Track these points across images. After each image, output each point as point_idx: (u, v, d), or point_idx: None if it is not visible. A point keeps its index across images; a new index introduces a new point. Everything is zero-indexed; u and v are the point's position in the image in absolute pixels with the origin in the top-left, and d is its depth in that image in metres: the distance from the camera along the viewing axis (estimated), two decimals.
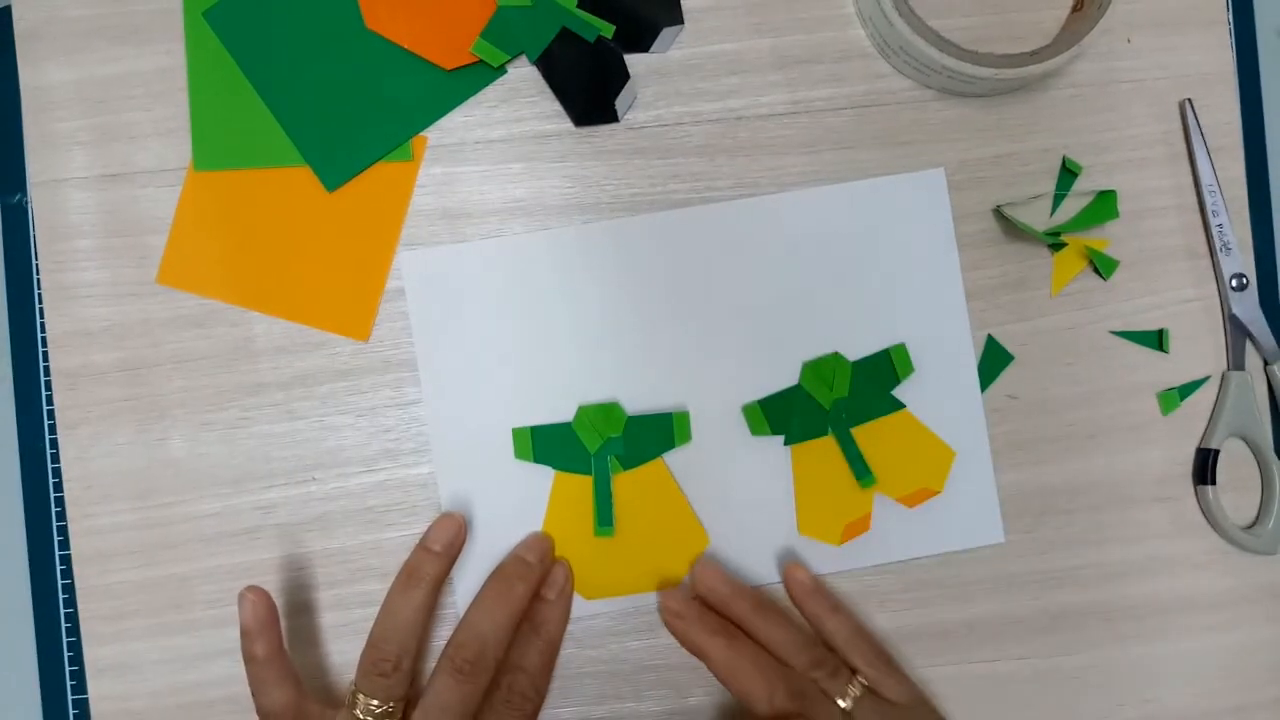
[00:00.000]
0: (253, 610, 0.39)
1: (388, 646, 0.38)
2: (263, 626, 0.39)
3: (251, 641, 0.39)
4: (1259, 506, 0.46)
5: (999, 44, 0.45)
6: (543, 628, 0.42)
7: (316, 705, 0.39)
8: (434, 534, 0.41)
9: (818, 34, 0.45)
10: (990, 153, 0.45)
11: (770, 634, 0.41)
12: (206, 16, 0.43)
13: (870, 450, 0.43)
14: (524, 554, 0.42)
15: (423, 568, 0.40)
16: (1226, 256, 0.46)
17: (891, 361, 0.44)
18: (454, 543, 0.41)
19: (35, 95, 0.44)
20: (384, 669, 0.38)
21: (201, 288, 0.44)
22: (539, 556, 0.42)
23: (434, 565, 0.40)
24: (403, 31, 0.43)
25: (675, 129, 0.45)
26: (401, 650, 0.39)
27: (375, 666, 0.38)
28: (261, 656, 0.39)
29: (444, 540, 0.41)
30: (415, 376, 0.44)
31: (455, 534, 0.41)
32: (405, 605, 0.39)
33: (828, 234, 0.44)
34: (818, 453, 0.44)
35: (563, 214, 0.44)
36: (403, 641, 0.39)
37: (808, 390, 0.43)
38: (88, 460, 0.43)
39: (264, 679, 0.39)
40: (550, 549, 0.43)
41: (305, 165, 0.43)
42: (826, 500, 0.43)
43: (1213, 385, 0.46)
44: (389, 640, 0.39)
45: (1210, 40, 0.46)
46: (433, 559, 0.40)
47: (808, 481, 0.44)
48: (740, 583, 0.42)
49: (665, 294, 0.44)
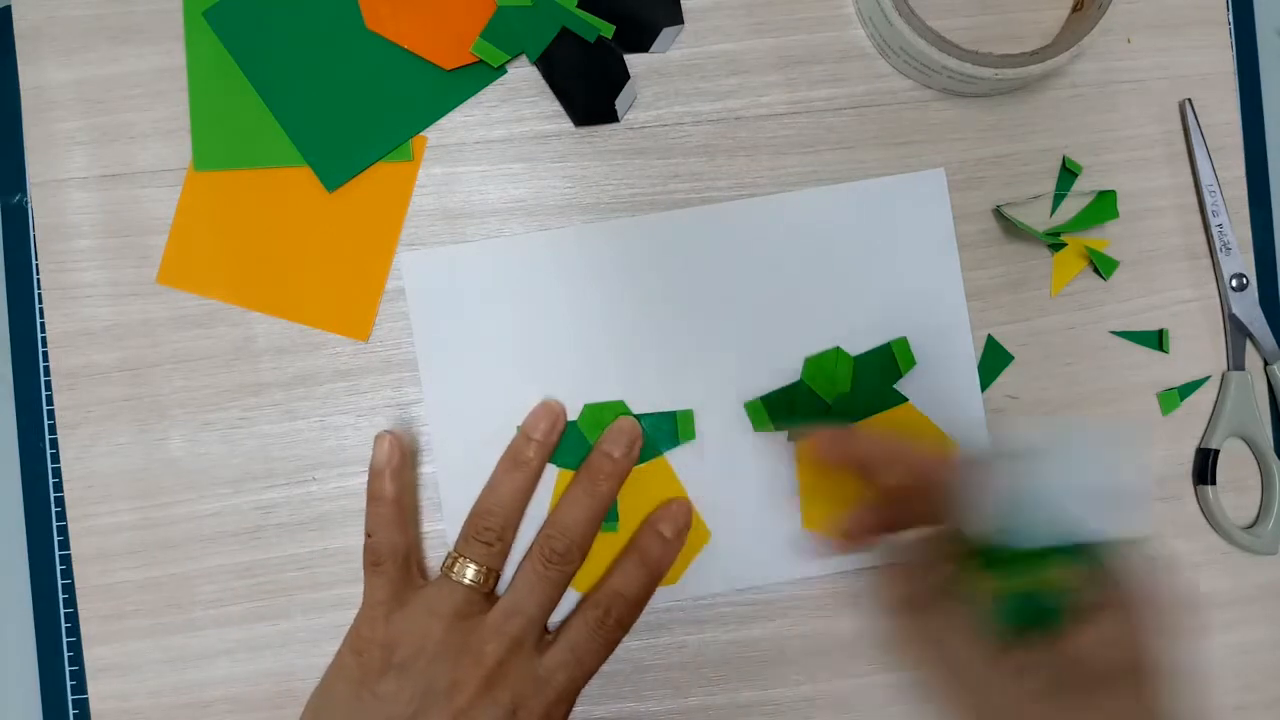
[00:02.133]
0: (389, 451, 0.40)
1: (493, 517, 0.40)
2: (396, 470, 0.40)
3: (382, 482, 0.40)
4: (1259, 506, 0.46)
5: (999, 44, 0.45)
6: (651, 563, 0.42)
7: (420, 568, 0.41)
8: (530, 422, 0.42)
9: (818, 34, 0.45)
10: (990, 153, 0.45)
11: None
12: (206, 16, 0.43)
13: None
14: (610, 449, 0.42)
15: (524, 453, 0.41)
16: (1226, 256, 0.46)
17: (894, 355, 0.44)
18: (551, 430, 0.42)
19: (35, 95, 0.44)
20: (488, 537, 0.40)
21: (201, 288, 0.44)
22: (625, 449, 0.42)
23: (533, 451, 0.41)
24: (403, 31, 0.43)
25: (675, 129, 0.45)
26: (505, 522, 0.40)
27: (480, 534, 0.40)
28: (390, 497, 0.40)
29: (541, 429, 0.42)
30: (415, 376, 0.44)
31: (552, 422, 0.42)
32: (509, 484, 0.41)
33: (828, 234, 0.44)
34: None
35: (563, 214, 0.44)
36: (507, 515, 0.40)
37: (810, 386, 0.43)
38: (88, 460, 0.43)
39: (385, 517, 0.40)
40: (638, 439, 0.42)
41: (305, 165, 0.43)
42: (830, 495, 0.43)
43: (1213, 385, 0.46)
44: (494, 512, 0.40)
45: (1210, 40, 0.46)
46: (532, 446, 0.42)
47: (811, 477, 0.44)
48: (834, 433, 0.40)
49: (668, 293, 0.44)
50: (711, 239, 0.44)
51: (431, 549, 0.43)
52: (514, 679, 0.38)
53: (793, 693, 0.44)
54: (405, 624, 0.38)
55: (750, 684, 0.44)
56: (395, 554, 0.40)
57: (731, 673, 0.44)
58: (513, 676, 0.38)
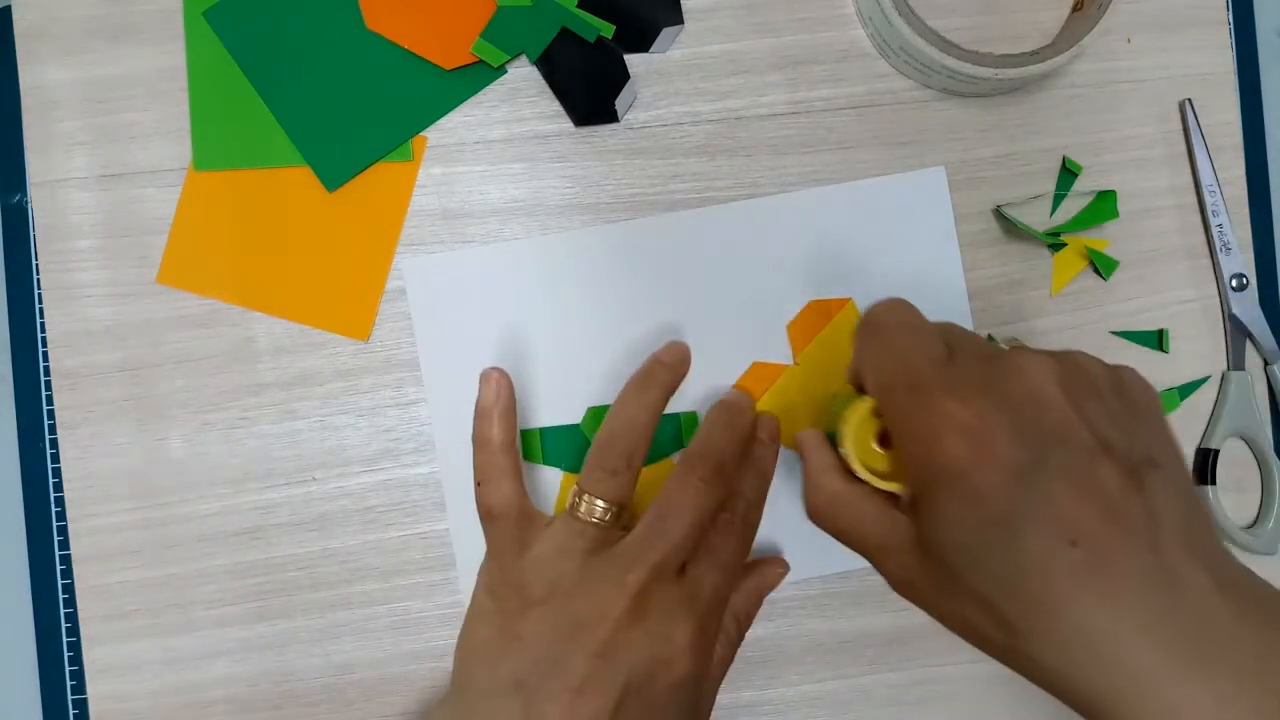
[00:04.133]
0: (495, 390, 0.38)
1: (619, 443, 0.37)
2: (504, 410, 0.38)
3: (489, 424, 0.37)
4: (1259, 506, 0.46)
5: (999, 44, 0.45)
6: (759, 463, 0.40)
7: (537, 510, 0.38)
8: (664, 351, 0.39)
9: (818, 34, 0.45)
10: (990, 153, 0.45)
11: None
12: (206, 16, 0.43)
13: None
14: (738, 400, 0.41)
15: (656, 375, 0.38)
16: (1226, 256, 0.46)
17: None
18: (683, 361, 0.39)
19: (35, 95, 0.44)
20: (615, 465, 0.36)
21: (201, 288, 0.44)
22: (750, 405, 0.41)
23: (666, 374, 0.39)
24: (403, 31, 0.43)
25: (675, 129, 0.45)
26: (632, 448, 0.37)
27: (603, 463, 0.36)
28: (497, 442, 0.37)
29: (674, 357, 0.39)
30: (415, 376, 0.44)
31: (684, 356, 0.39)
32: (639, 404, 0.38)
33: (830, 234, 0.44)
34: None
35: (563, 214, 0.44)
36: (634, 440, 0.37)
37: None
38: (88, 460, 0.43)
39: (494, 468, 0.37)
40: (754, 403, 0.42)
41: (305, 165, 0.43)
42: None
43: (1213, 385, 0.46)
44: (620, 437, 0.37)
45: (1210, 40, 0.46)
46: (665, 369, 0.39)
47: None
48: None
49: (670, 295, 0.44)
50: (714, 240, 0.44)
51: (432, 549, 0.43)
52: (660, 603, 0.35)
53: (793, 693, 0.44)
54: (536, 566, 0.36)
55: (750, 684, 0.44)
56: (508, 504, 0.37)
57: (732, 673, 0.44)
58: (658, 600, 0.35)
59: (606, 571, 0.35)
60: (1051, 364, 0.29)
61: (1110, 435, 0.27)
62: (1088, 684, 0.26)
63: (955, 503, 0.27)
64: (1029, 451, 0.27)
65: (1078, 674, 0.26)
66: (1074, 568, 0.26)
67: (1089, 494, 0.26)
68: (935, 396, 0.28)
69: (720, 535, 0.37)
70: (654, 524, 0.36)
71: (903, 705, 0.44)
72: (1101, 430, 0.27)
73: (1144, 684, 0.25)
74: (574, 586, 0.35)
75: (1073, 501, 0.26)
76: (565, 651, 0.34)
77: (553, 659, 0.34)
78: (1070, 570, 0.26)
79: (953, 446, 0.27)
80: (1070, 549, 0.26)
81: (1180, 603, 0.25)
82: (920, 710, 0.45)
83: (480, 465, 0.38)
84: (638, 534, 0.36)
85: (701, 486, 0.36)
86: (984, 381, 0.28)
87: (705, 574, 0.36)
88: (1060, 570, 0.26)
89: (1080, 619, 0.25)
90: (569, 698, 0.33)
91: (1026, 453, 0.27)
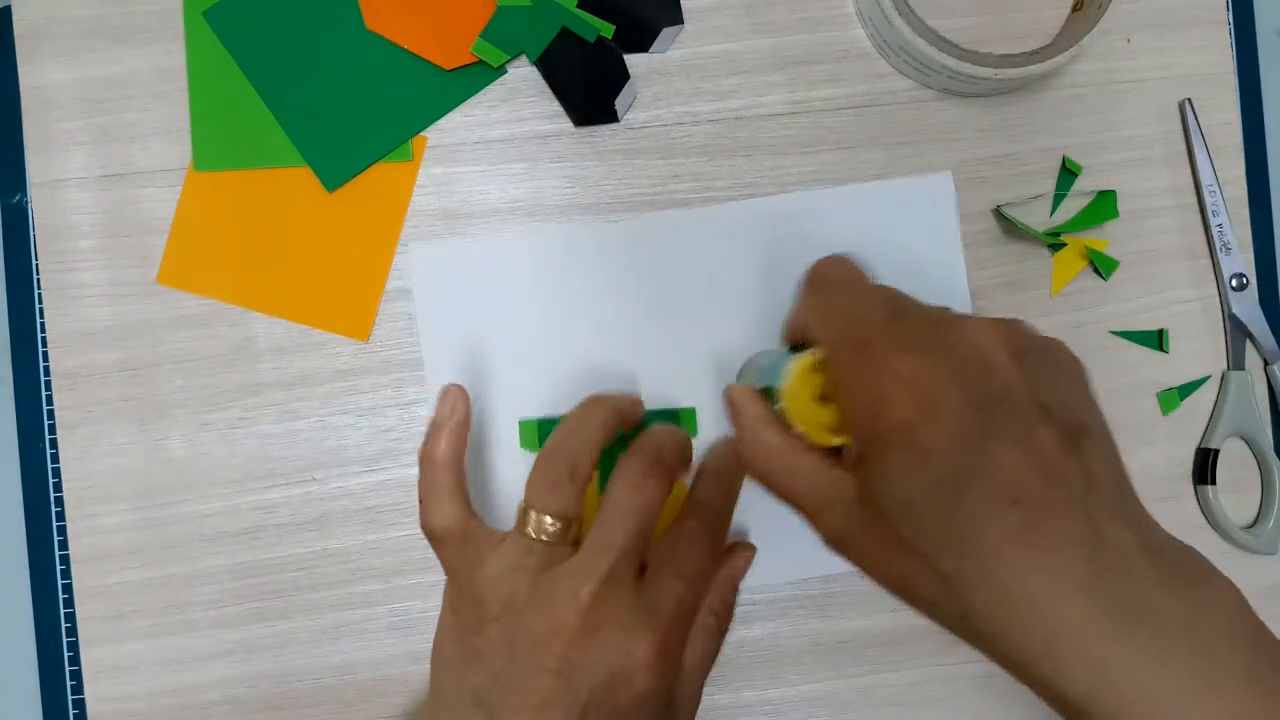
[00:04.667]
0: (450, 406, 0.37)
1: (561, 454, 0.36)
2: (455, 427, 0.37)
3: (436, 440, 0.37)
4: (1259, 506, 0.46)
5: (999, 44, 0.45)
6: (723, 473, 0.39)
7: (484, 526, 0.37)
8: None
9: (818, 34, 0.45)
10: (990, 153, 0.45)
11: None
12: (206, 16, 0.43)
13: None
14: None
15: (608, 397, 0.38)
16: (1226, 256, 0.46)
17: None
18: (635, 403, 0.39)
19: (35, 95, 0.44)
20: (558, 478, 0.35)
21: (201, 288, 0.44)
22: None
23: (620, 398, 0.39)
24: (403, 31, 0.43)
25: (675, 129, 0.45)
26: (575, 459, 0.36)
27: (547, 476, 0.36)
28: (440, 459, 0.37)
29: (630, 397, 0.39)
30: (415, 376, 0.44)
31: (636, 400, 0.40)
32: (584, 419, 0.37)
33: (833, 235, 0.44)
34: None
35: (562, 214, 0.44)
36: (577, 450, 0.36)
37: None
38: (88, 460, 0.43)
39: (434, 486, 0.37)
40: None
41: (305, 165, 0.43)
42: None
43: (1213, 385, 0.46)
44: (563, 448, 0.36)
45: (1210, 40, 0.46)
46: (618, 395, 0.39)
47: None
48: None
49: (674, 291, 0.44)
50: (717, 238, 0.44)
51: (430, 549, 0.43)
52: (615, 615, 0.34)
53: (793, 693, 0.44)
54: (489, 583, 0.35)
55: (750, 684, 0.44)
56: (447, 525, 0.36)
57: (732, 673, 0.44)
58: (613, 612, 0.34)
59: (557, 587, 0.34)
60: (996, 328, 0.29)
61: (1049, 400, 0.28)
62: (1020, 641, 0.26)
63: (902, 459, 0.27)
64: (975, 412, 0.27)
65: (1012, 631, 0.26)
66: (1014, 527, 0.26)
67: (1031, 456, 0.27)
68: (885, 353, 0.28)
69: (684, 545, 0.37)
70: (599, 533, 0.35)
71: (903, 705, 0.44)
72: (1041, 395, 0.28)
73: (1074, 641, 0.25)
74: (526, 603, 0.34)
75: (1015, 463, 0.26)
76: (523, 669, 0.34)
77: (511, 675, 0.34)
78: (1010, 530, 0.26)
79: (901, 403, 0.28)
80: (1011, 508, 0.26)
81: (1111, 565, 0.26)
82: (920, 710, 0.44)
83: (421, 483, 0.37)
84: (585, 546, 0.35)
85: (640, 481, 0.36)
86: (932, 341, 0.29)
87: (667, 584, 0.36)
88: (1001, 529, 0.26)
89: (1017, 577, 0.26)
90: (529, 715, 0.33)
91: (973, 413, 0.27)
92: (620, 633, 0.34)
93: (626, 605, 0.34)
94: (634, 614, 0.34)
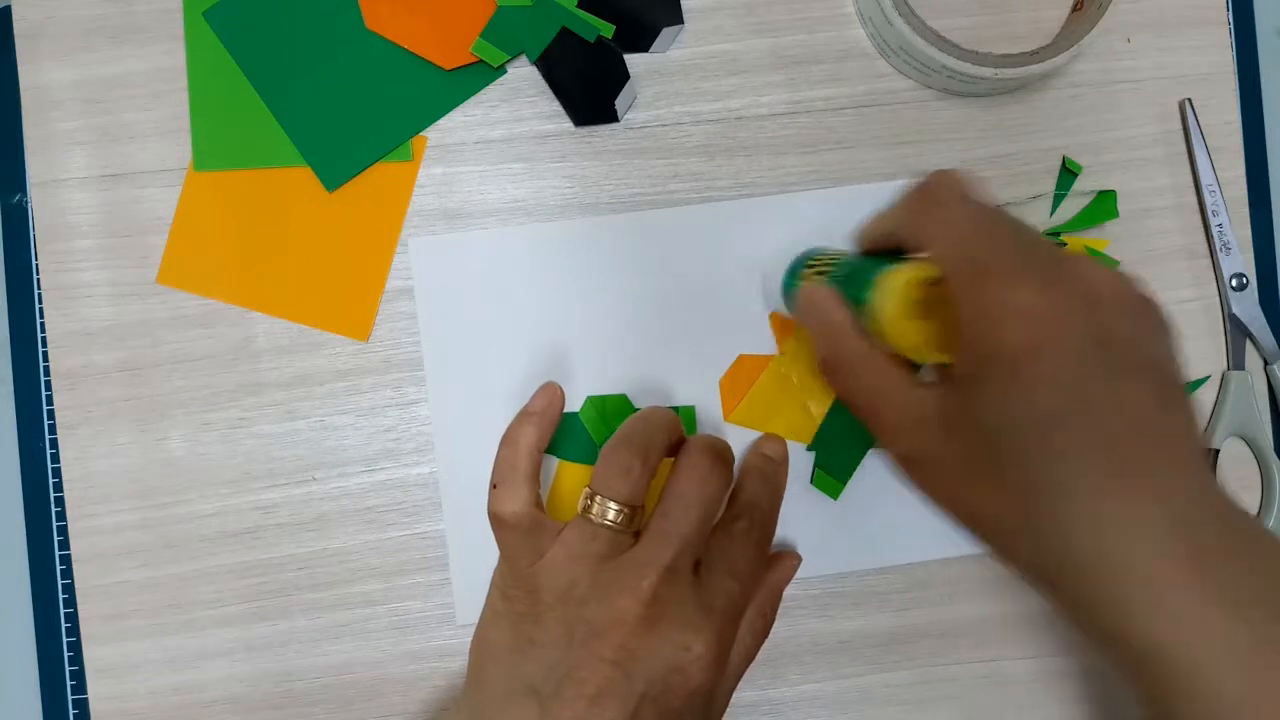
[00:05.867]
0: (547, 399, 0.39)
1: (635, 440, 0.35)
2: (547, 419, 0.38)
3: (525, 425, 0.37)
4: (1259, 506, 0.46)
5: (999, 44, 0.45)
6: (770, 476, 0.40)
7: (549, 519, 0.37)
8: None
9: (818, 34, 0.45)
10: (990, 153, 0.45)
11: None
12: (206, 16, 0.43)
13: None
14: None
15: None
16: (1226, 256, 0.46)
17: None
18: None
19: (35, 95, 0.44)
20: (629, 464, 0.35)
21: (201, 288, 0.44)
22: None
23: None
24: (403, 31, 0.43)
25: (675, 129, 0.45)
26: (649, 447, 0.35)
27: (617, 461, 0.35)
28: (525, 444, 0.37)
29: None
30: (415, 376, 0.44)
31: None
32: (656, 413, 0.37)
33: (834, 235, 0.44)
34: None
35: (562, 214, 0.44)
36: (651, 439, 0.36)
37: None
38: (88, 460, 0.43)
39: (513, 470, 0.37)
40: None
41: (305, 165, 0.43)
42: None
43: (1213, 385, 0.46)
44: (636, 435, 0.36)
45: (1210, 40, 0.46)
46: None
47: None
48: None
49: (674, 289, 0.44)
50: (717, 237, 0.44)
51: (431, 549, 0.43)
52: (676, 609, 0.34)
53: (793, 693, 0.44)
54: (549, 571, 0.35)
55: (750, 684, 0.44)
56: (520, 514, 0.36)
57: None
58: (674, 606, 0.34)
59: (619, 576, 0.34)
60: (1114, 276, 0.30)
61: (1152, 355, 0.29)
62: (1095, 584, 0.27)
63: (1012, 386, 0.27)
64: (1087, 353, 0.27)
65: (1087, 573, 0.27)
66: (1109, 472, 0.27)
67: (1133, 408, 0.27)
68: (1005, 279, 0.28)
69: (738, 544, 0.37)
70: (663, 523, 0.35)
71: (903, 705, 0.44)
72: (1146, 349, 0.29)
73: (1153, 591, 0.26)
74: (587, 592, 0.34)
75: (1119, 411, 0.27)
76: (580, 658, 0.33)
77: (567, 665, 0.33)
78: (1105, 474, 0.27)
79: (1021, 330, 0.28)
80: (1108, 454, 0.27)
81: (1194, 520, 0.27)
82: (920, 710, 0.45)
83: (499, 464, 0.37)
84: (647, 535, 0.35)
85: (706, 474, 0.35)
86: (1053, 275, 0.29)
87: (721, 582, 0.35)
88: (1096, 472, 0.27)
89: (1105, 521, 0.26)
90: (584, 705, 0.32)
91: (1085, 354, 0.27)
92: (679, 627, 0.34)
93: (686, 600, 0.34)
94: (693, 609, 0.34)
